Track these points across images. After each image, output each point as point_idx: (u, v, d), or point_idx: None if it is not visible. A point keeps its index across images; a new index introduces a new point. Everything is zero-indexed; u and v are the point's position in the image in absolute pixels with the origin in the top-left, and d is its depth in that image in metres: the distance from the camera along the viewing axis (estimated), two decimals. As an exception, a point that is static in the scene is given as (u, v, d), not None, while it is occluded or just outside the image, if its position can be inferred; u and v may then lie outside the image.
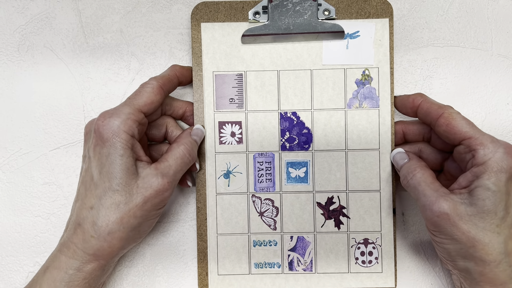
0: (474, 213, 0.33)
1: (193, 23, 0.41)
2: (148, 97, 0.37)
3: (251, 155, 0.42)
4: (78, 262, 0.35)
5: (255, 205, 0.42)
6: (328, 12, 0.41)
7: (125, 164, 0.34)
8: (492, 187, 0.32)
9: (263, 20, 0.41)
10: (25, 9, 0.44)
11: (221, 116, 0.42)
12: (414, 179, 0.36)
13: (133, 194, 0.35)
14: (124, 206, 0.34)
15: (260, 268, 0.42)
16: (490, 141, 0.34)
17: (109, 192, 0.34)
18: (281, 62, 0.41)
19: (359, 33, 0.41)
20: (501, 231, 0.33)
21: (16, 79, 0.44)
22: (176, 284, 0.44)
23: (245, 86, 0.41)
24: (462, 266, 0.35)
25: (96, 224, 0.34)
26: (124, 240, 0.35)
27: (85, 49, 0.44)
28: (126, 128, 0.35)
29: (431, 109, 0.37)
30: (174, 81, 0.40)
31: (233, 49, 0.41)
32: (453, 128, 0.35)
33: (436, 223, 0.34)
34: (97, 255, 0.35)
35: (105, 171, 0.34)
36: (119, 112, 0.35)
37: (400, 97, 0.40)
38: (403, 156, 0.39)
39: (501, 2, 0.44)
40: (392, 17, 0.41)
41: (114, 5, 0.44)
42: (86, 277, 0.35)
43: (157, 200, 0.35)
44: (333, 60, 0.41)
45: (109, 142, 0.34)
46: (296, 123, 0.42)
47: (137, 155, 0.36)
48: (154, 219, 0.37)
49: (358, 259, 0.41)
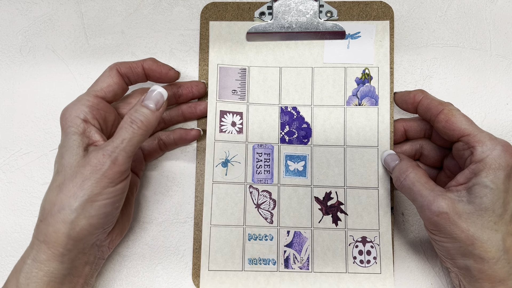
0: (472, 211, 0.33)
1: (202, 21, 0.43)
2: (103, 80, 0.37)
3: (251, 146, 0.42)
4: (33, 251, 0.34)
5: (252, 196, 0.42)
6: (331, 14, 0.42)
7: (70, 147, 0.34)
8: (490, 184, 0.32)
9: (267, 20, 0.42)
10: (28, 12, 0.45)
11: (223, 106, 0.42)
12: (407, 180, 0.36)
13: (73, 173, 0.33)
14: (64, 187, 0.33)
15: (254, 265, 0.41)
16: (489, 138, 0.34)
17: (56, 175, 0.34)
18: (283, 59, 0.42)
19: (360, 34, 0.42)
20: (499, 228, 0.33)
21: (17, 80, 0.45)
22: (176, 284, 0.43)
23: (247, 79, 0.42)
24: (461, 264, 0.34)
25: (43, 208, 0.34)
26: (69, 223, 0.33)
27: (86, 49, 0.44)
28: (77, 113, 0.35)
29: (431, 105, 0.37)
30: (137, 70, 0.38)
31: (238, 46, 0.42)
32: (452, 125, 0.35)
33: (435, 223, 0.34)
34: (46, 242, 0.33)
35: (58, 155, 0.35)
36: (75, 101, 0.36)
37: (400, 93, 0.40)
38: (394, 157, 0.39)
39: (499, 3, 0.44)
40: (393, 19, 0.42)
41: (116, 7, 0.45)
42: (42, 268, 0.33)
43: (98, 175, 0.33)
44: (334, 59, 0.42)
45: (64, 128, 0.35)
46: (296, 118, 0.42)
47: (92, 140, 0.35)
48: (109, 199, 0.34)
49: (356, 258, 0.41)
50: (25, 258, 0.34)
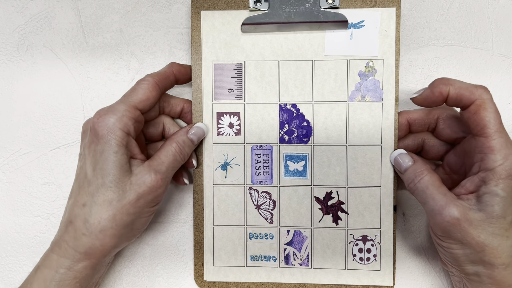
0: (483, 219, 0.33)
1: (193, 11, 0.40)
2: (144, 93, 0.37)
3: (249, 147, 0.41)
4: (69, 261, 0.34)
5: (252, 197, 0.42)
6: (332, 0, 0.39)
7: (118, 161, 0.34)
8: (500, 193, 0.32)
9: (263, 8, 0.40)
10: (24, 9, 0.44)
11: (220, 107, 0.41)
12: (422, 182, 0.35)
13: (126, 191, 0.34)
14: (117, 203, 0.34)
15: (256, 261, 0.42)
16: (505, 146, 0.33)
17: (102, 189, 0.34)
18: (281, 52, 0.40)
19: (364, 23, 0.39)
20: (509, 235, 0.33)
21: (15, 79, 0.44)
22: (176, 284, 0.43)
23: (244, 76, 0.41)
24: (469, 270, 0.34)
25: (88, 222, 0.34)
26: (117, 238, 0.35)
27: (85, 48, 0.44)
28: (121, 126, 0.35)
29: (462, 96, 0.34)
30: (170, 78, 0.39)
31: (233, 38, 0.40)
32: (479, 120, 0.33)
33: (445, 228, 0.33)
34: (88, 254, 0.34)
35: (99, 168, 0.34)
36: (114, 110, 0.35)
37: (421, 97, 0.36)
38: (407, 158, 0.38)
39: (502, 2, 0.43)
40: (399, 6, 0.39)
41: (114, 4, 0.44)
42: (76, 276, 0.35)
43: (151, 196, 0.35)
44: (336, 51, 0.40)
45: (104, 139, 0.34)
46: (296, 116, 0.41)
47: (131, 153, 0.36)
48: (147, 217, 0.37)
49: (355, 256, 0.41)
50: (56, 268, 0.34)
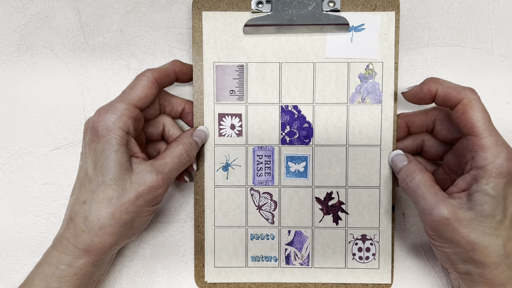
0: (473, 218, 0.33)
1: (194, 12, 0.40)
2: (142, 91, 0.37)
3: (251, 148, 0.41)
4: (69, 257, 0.35)
5: (253, 198, 0.42)
6: (333, 3, 0.40)
7: (119, 160, 0.34)
8: (490, 192, 0.32)
9: (266, 10, 0.40)
10: (24, 9, 0.44)
11: (221, 108, 0.41)
12: (413, 182, 0.36)
13: (126, 189, 0.34)
14: (116, 201, 0.34)
15: (257, 261, 0.42)
16: (494, 144, 0.33)
17: (102, 186, 0.34)
18: (283, 54, 0.41)
19: (364, 26, 0.40)
20: (499, 234, 0.33)
21: (16, 79, 0.44)
22: (176, 284, 0.44)
23: (246, 78, 0.41)
24: (461, 269, 0.35)
25: (87, 219, 0.34)
26: (116, 235, 0.35)
27: (85, 49, 0.44)
28: (121, 125, 0.35)
29: (449, 95, 0.35)
30: (171, 76, 0.39)
31: (235, 40, 0.41)
32: (466, 119, 0.34)
33: (435, 228, 0.34)
34: (88, 250, 0.35)
35: (99, 166, 0.35)
36: (114, 109, 0.35)
37: (411, 92, 0.37)
38: (402, 158, 0.39)
39: (501, 2, 0.43)
40: (399, 10, 0.40)
41: (114, 4, 0.44)
42: (77, 273, 0.35)
43: (150, 196, 0.35)
44: (336, 54, 0.41)
45: (104, 138, 0.34)
46: (297, 117, 0.41)
47: (132, 152, 0.36)
48: (147, 215, 0.37)
49: (355, 255, 0.42)
50: (56, 264, 0.35)
